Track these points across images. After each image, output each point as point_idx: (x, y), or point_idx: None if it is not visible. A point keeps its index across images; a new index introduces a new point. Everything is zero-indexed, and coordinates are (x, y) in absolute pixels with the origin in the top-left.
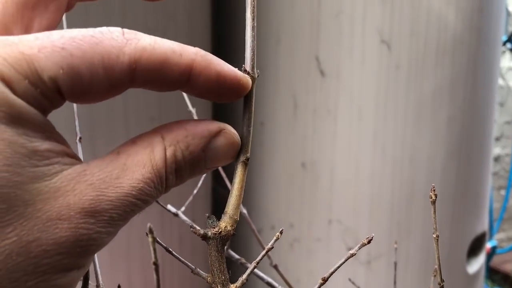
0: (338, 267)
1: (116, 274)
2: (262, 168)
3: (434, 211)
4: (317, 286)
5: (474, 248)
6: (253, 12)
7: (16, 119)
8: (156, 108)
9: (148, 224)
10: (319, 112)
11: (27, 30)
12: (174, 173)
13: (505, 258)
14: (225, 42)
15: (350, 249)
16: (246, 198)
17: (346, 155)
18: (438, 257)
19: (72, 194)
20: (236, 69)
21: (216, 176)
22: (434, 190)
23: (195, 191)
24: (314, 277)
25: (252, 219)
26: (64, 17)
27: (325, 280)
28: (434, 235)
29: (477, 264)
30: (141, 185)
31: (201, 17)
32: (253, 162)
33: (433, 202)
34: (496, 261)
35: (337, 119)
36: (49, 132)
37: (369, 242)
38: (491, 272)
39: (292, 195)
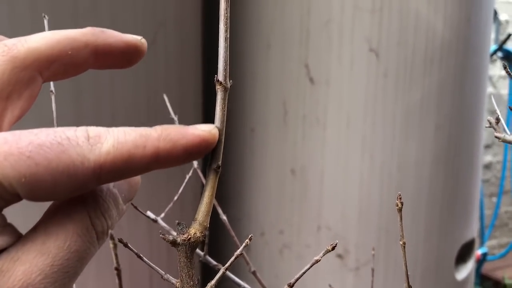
0: (304, 272)
1: (103, 281)
2: (252, 174)
3: (401, 219)
4: None
5: (463, 255)
6: (226, 24)
7: None
8: (145, 113)
9: (110, 231)
10: (309, 119)
11: (0, 118)
12: (102, 217)
13: (496, 265)
14: (216, 49)
15: (339, 255)
16: (236, 203)
17: (335, 161)
18: (405, 263)
19: (1, 276)
20: (201, 129)
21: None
22: (400, 198)
23: (175, 198)
24: (303, 283)
25: (242, 225)
26: (46, 27)
27: (291, 286)
28: (401, 242)
29: (465, 271)
30: (68, 243)
31: (191, 24)
32: (243, 168)
33: (399, 210)
34: (487, 268)
35: (326, 126)
36: None
37: (333, 248)
38: (482, 279)
39: (281, 202)
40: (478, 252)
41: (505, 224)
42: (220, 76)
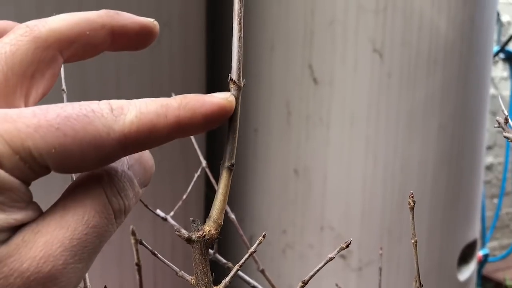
0: (318, 270)
1: (108, 278)
2: (255, 174)
3: (413, 217)
4: None
5: (465, 256)
6: (239, 24)
7: None
8: None
9: (131, 227)
10: (312, 119)
11: (26, 97)
12: (118, 195)
13: (498, 266)
14: (220, 49)
15: (341, 255)
16: (239, 204)
17: (338, 162)
18: (417, 262)
19: (23, 246)
20: (219, 97)
21: (208, 182)
22: (412, 197)
23: (184, 196)
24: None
25: (245, 225)
26: None
27: (305, 283)
28: (413, 241)
29: (468, 272)
30: (86, 218)
31: (196, 24)
32: (246, 168)
33: (412, 209)
34: (488, 269)
35: (329, 126)
36: (25, 202)
37: (347, 246)
38: (484, 280)
39: (284, 201)
40: (480, 253)
41: (506, 225)
42: (234, 75)
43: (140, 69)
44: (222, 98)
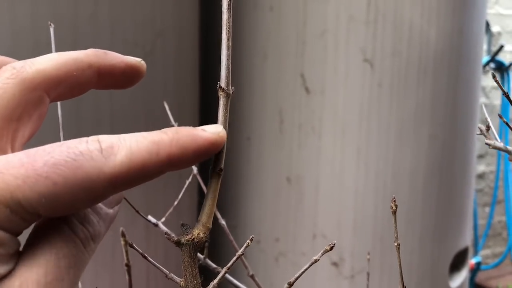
0: (302, 272)
1: (100, 282)
2: (248, 182)
3: (395, 221)
4: None
5: (457, 263)
6: (228, 33)
7: None
8: (143, 121)
9: (121, 228)
10: (304, 128)
11: (12, 140)
12: (79, 224)
13: (490, 274)
14: (214, 58)
15: (334, 263)
16: (232, 211)
17: (330, 170)
18: (400, 265)
19: None
20: (210, 132)
21: (201, 189)
22: (394, 201)
23: (175, 203)
24: None
25: (238, 232)
26: (52, 35)
27: (290, 285)
28: (396, 244)
29: (459, 279)
30: (54, 250)
31: (189, 33)
32: (239, 176)
33: (394, 213)
34: (481, 277)
35: (321, 135)
36: (8, 255)
37: (331, 248)
38: None
39: (277, 210)
40: (472, 261)
41: (498, 233)
42: (223, 82)
43: None
44: (214, 133)
